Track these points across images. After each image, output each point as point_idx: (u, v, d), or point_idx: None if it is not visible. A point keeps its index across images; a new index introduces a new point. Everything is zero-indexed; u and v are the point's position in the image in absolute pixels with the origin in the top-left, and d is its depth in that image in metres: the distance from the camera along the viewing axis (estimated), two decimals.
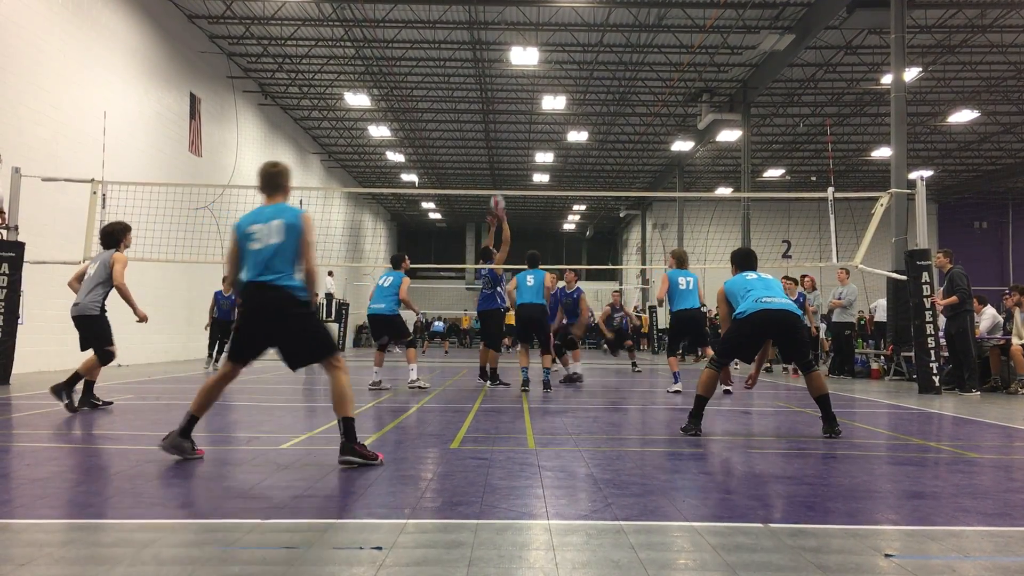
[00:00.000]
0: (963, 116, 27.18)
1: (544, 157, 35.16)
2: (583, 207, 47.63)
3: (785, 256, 37.45)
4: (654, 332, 33.76)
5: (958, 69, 24.73)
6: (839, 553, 3.22)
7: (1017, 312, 12.69)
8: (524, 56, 22.11)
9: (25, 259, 11.79)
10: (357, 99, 26.48)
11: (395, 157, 36.02)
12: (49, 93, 14.77)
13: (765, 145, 33.66)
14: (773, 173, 36.65)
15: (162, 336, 19.31)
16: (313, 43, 23.15)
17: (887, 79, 20.77)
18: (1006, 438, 7.06)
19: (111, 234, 8.35)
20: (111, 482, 4.44)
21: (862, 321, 20.18)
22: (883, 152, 31.46)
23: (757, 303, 6.73)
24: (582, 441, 6.30)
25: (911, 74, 22.07)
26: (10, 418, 7.65)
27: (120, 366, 16.48)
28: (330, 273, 29.60)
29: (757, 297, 6.78)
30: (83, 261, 12.64)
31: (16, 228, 11.77)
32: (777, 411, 9.25)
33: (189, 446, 5.11)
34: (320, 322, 5.29)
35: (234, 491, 4.26)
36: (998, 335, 13.33)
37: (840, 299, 15.92)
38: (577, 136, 31.14)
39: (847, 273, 15.74)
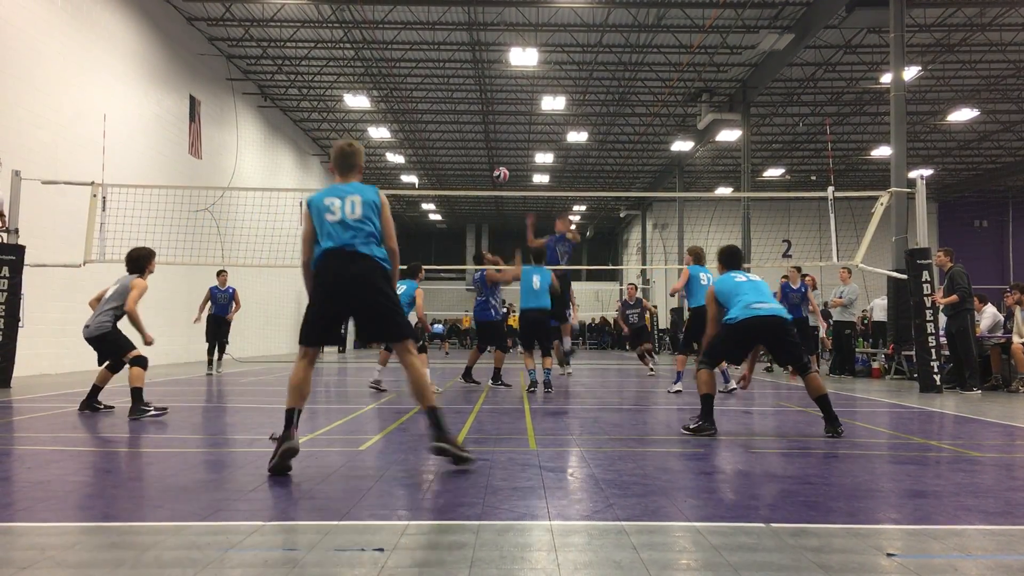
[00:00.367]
0: (963, 115, 27.18)
1: (544, 158, 35.17)
2: (583, 207, 47.63)
3: (785, 255, 37.45)
4: (655, 331, 33.73)
5: (957, 68, 24.73)
6: (841, 553, 3.22)
7: (1018, 310, 12.69)
8: (523, 57, 22.12)
9: (25, 262, 11.79)
10: (356, 101, 26.50)
11: (395, 158, 36.04)
12: (49, 96, 14.78)
13: (765, 145, 33.66)
14: (773, 173, 36.66)
15: (162, 339, 19.24)
16: (312, 45, 23.15)
17: (887, 78, 20.77)
18: (1007, 437, 7.06)
19: (136, 260, 8.29)
20: (112, 485, 4.44)
21: (865, 320, 20.15)
22: (883, 151, 31.47)
23: (748, 309, 6.78)
24: (583, 441, 6.30)
25: (911, 73, 22.07)
26: (11, 421, 7.65)
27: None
28: None
29: (748, 303, 6.82)
30: (83, 264, 12.70)
31: (16, 231, 11.78)
32: (778, 411, 9.25)
33: (297, 441, 4.80)
34: (398, 303, 5.05)
35: (235, 493, 4.26)
36: (999, 334, 13.33)
37: (841, 298, 15.92)
38: (577, 136, 31.14)
39: (849, 272, 15.74)
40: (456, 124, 31.69)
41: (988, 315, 13.66)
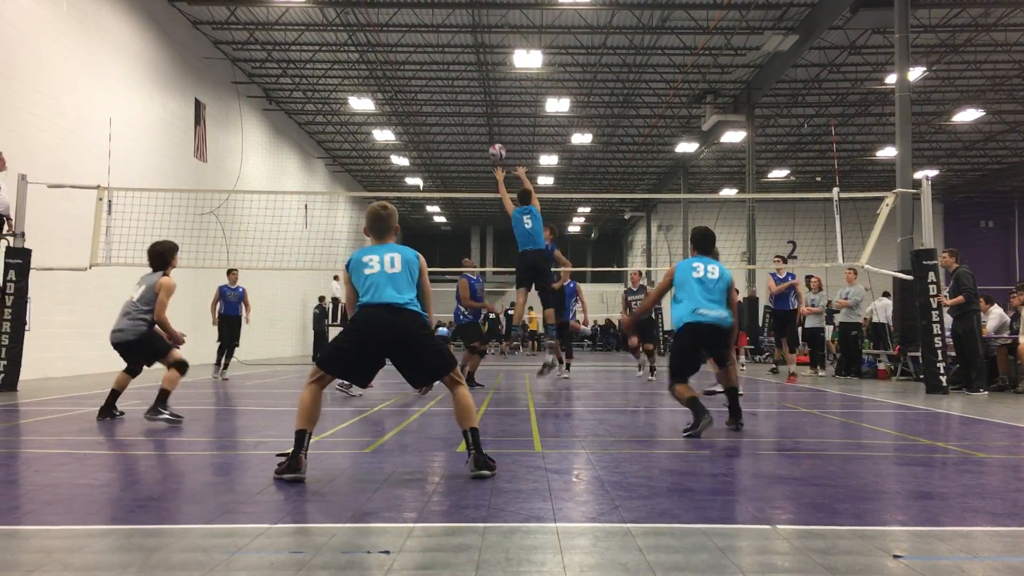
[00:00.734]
0: (968, 115, 27.11)
1: (548, 159, 35.18)
2: (588, 209, 47.63)
3: (790, 256, 37.39)
4: (659, 332, 33.64)
5: (962, 68, 24.67)
6: (847, 554, 3.21)
7: None
8: (528, 59, 22.14)
9: (31, 266, 11.82)
10: (361, 103, 26.54)
11: (400, 161, 36.08)
12: (54, 100, 14.82)
13: (769, 146, 33.62)
14: (778, 174, 36.60)
15: None
16: (317, 48, 23.19)
17: (891, 79, 20.76)
18: (1014, 438, 7.04)
19: (161, 254, 7.91)
20: (119, 488, 4.45)
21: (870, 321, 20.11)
22: (888, 152, 31.42)
23: (692, 314, 6.92)
24: (589, 443, 6.29)
25: (915, 73, 22.04)
26: (17, 424, 7.67)
27: None
28: (335, 277, 29.62)
29: (694, 308, 6.94)
30: (89, 267, 12.73)
31: (22, 235, 11.81)
32: (783, 412, 9.23)
33: (304, 472, 4.73)
34: (440, 340, 5.14)
35: (241, 496, 4.27)
36: (1005, 334, 13.29)
37: (846, 299, 15.89)
38: (581, 138, 31.14)
39: (855, 273, 15.70)
40: (461, 126, 31.71)
41: (994, 316, 13.62)
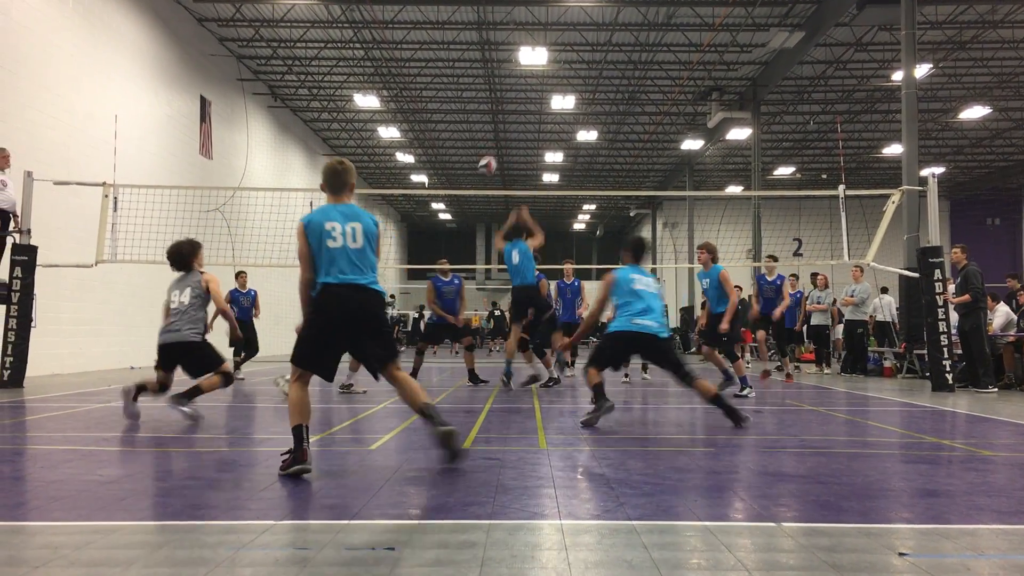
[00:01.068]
0: (975, 112, 27.01)
1: (554, 157, 35.15)
2: (593, 207, 47.60)
3: (796, 254, 37.32)
4: None
5: (969, 65, 24.58)
6: (853, 552, 3.20)
7: None
8: (533, 56, 22.10)
9: (38, 262, 11.85)
10: (366, 100, 26.53)
11: (405, 158, 36.09)
12: (61, 97, 14.85)
13: (775, 143, 33.55)
14: (783, 171, 36.53)
15: None
16: (322, 45, 23.20)
17: (898, 76, 20.69)
18: (1020, 436, 7.02)
19: (183, 256, 7.78)
20: (125, 484, 4.46)
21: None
22: (894, 149, 31.32)
23: (629, 322, 7.08)
24: (593, 441, 6.29)
25: (922, 70, 21.94)
26: (24, 421, 7.70)
27: (132, 368, 16.56)
28: None
29: (632, 316, 7.09)
30: (95, 264, 12.75)
31: (29, 231, 11.84)
32: (787, 410, 9.22)
33: (310, 463, 4.72)
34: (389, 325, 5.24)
35: (246, 492, 4.28)
36: (1012, 332, 13.25)
37: (853, 296, 15.85)
38: (587, 135, 31.10)
39: (861, 271, 15.67)
40: (466, 124, 31.70)
41: (1001, 314, 13.57)
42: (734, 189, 38.29)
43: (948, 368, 11.76)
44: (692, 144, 31.04)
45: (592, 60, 24.50)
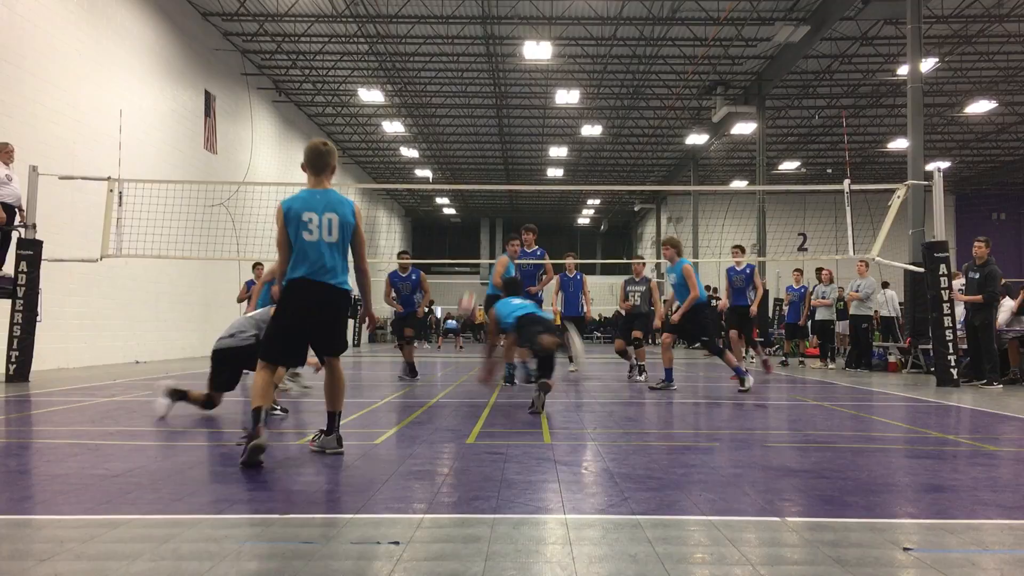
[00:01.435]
0: (980, 106, 26.94)
1: (558, 151, 35.13)
2: (597, 201, 47.55)
3: (801, 249, 37.27)
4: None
5: (975, 59, 24.51)
6: (857, 547, 3.20)
7: None
8: (537, 50, 22.09)
9: (43, 257, 11.87)
10: (371, 95, 26.52)
11: (409, 153, 36.09)
12: (65, 92, 14.87)
13: (780, 137, 33.50)
14: (788, 166, 36.48)
15: (179, 333, 19.44)
16: (327, 39, 23.19)
17: (903, 70, 20.64)
18: None
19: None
20: (130, 478, 4.47)
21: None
22: (900, 143, 31.25)
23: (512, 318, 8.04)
24: (598, 435, 6.29)
25: (928, 64, 21.90)
26: (29, 415, 7.72)
27: (137, 363, 16.61)
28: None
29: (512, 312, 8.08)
30: (100, 259, 12.77)
31: (34, 226, 11.85)
32: (792, 405, 9.21)
33: (264, 439, 4.76)
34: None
35: (252, 486, 4.29)
36: (1017, 327, 13.21)
37: (858, 291, 15.83)
38: (591, 130, 31.07)
39: (866, 266, 15.64)
40: (470, 118, 31.68)
41: (1006, 308, 13.53)
42: (739, 184, 38.26)
43: (953, 363, 11.74)
44: (697, 139, 31.00)
45: (596, 54, 24.46)
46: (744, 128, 27.58)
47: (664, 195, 43.07)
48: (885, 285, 18.10)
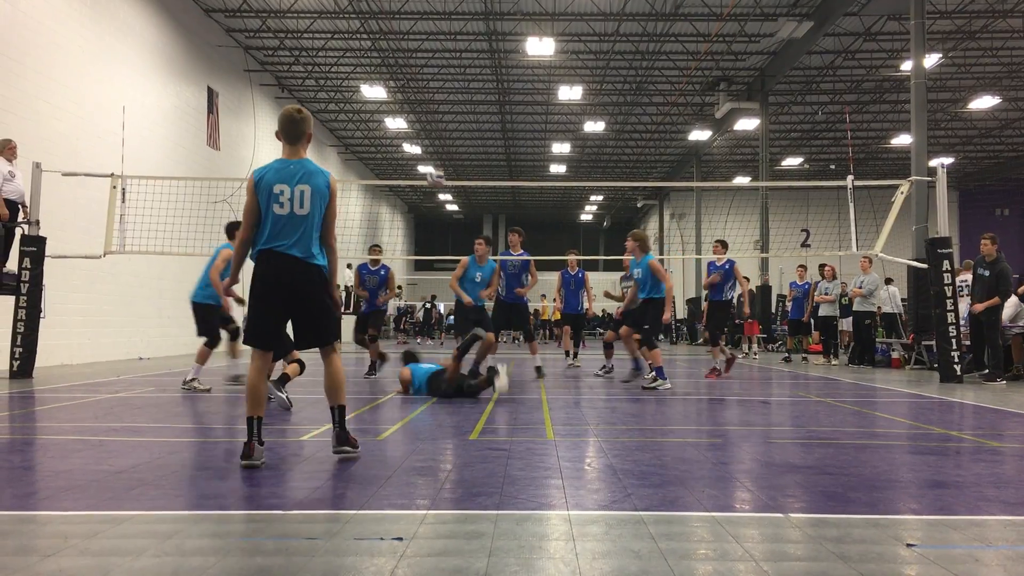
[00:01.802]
0: (984, 102, 26.88)
1: (561, 147, 35.09)
2: (600, 198, 47.50)
3: (804, 245, 37.24)
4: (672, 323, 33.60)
5: (979, 55, 24.43)
6: (860, 543, 3.20)
7: None
8: (540, 46, 22.05)
9: (46, 253, 11.88)
10: (373, 91, 26.51)
11: (412, 149, 36.08)
12: (68, 88, 14.87)
13: (783, 133, 33.43)
14: (791, 162, 36.41)
15: (182, 329, 19.40)
16: (329, 36, 23.17)
17: (907, 66, 20.57)
18: None
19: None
20: (134, 474, 4.48)
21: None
22: (903, 139, 31.18)
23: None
24: (601, 431, 6.30)
25: (931, 60, 21.84)
26: (33, 411, 7.74)
27: (141, 359, 16.62)
28: (348, 266, 29.71)
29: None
30: (103, 255, 12.78)
31: (37, 223, 11.87)
32: (796, 401, 9.21)
33: (258, 458, 4.70)
34: (332, 303, 5.04)
35: (256, 483, 4.29)
36: (1020, 323, 13.18)
37: (861, 288, 15.81)
38: (594, 126, 31.03)
39: (870, 262, 15.62)
40: (473, 114, 31.65)
41: (1010, 304, 13.51)
42: (742, 180, 38.20)
43: (956, 359, 11.73)
44: (700, 135, 30.94)
45: (599, 50, 24.42)
46: (747, 124, 27.53)
47: (667, 191, 43.00)
48: (888, 281, 18.08)
